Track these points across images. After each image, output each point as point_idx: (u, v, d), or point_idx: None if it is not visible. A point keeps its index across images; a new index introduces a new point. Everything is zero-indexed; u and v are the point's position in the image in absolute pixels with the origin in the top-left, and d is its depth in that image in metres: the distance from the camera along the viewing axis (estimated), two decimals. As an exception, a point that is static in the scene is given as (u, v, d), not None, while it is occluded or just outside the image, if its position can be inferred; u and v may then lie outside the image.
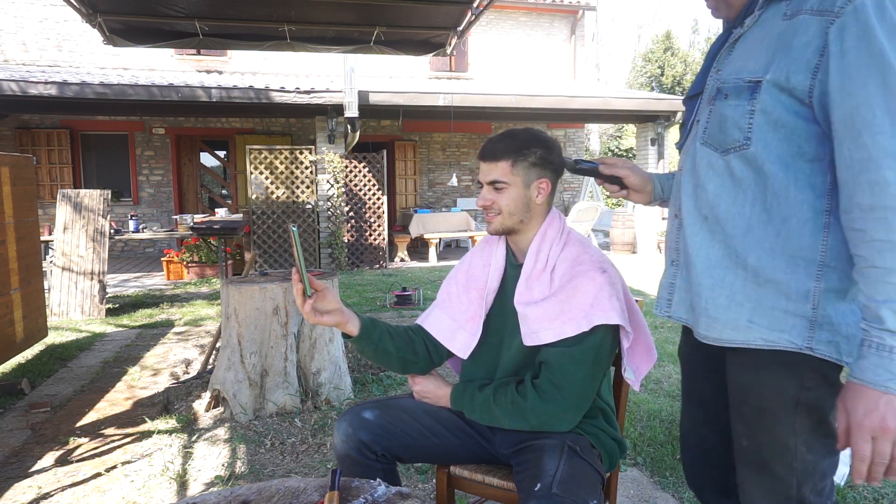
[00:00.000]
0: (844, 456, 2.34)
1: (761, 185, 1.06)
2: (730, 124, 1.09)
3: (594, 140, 23.72)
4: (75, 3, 3.86)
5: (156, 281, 8.01)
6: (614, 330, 1.40)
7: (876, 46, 0.92)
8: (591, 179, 11.96)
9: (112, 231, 7.33)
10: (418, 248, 11.10)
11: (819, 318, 1.03)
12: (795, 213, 1.04)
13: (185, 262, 8.04)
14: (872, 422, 0.92)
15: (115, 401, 3.46)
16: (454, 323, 1.55)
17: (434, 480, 2.36)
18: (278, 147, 8.24)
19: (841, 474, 2.34)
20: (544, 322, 1.38)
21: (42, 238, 6.59)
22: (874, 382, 0.91)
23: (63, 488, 2.44)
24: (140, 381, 3.81)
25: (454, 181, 10.48)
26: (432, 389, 1.56)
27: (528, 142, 1.42)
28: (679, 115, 9.91)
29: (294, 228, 1.19)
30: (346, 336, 1.44)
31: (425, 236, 9.69)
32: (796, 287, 1.04)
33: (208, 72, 10.94)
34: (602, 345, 1.39)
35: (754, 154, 1.06)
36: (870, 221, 0.92)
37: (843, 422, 0.97)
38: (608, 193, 1.62)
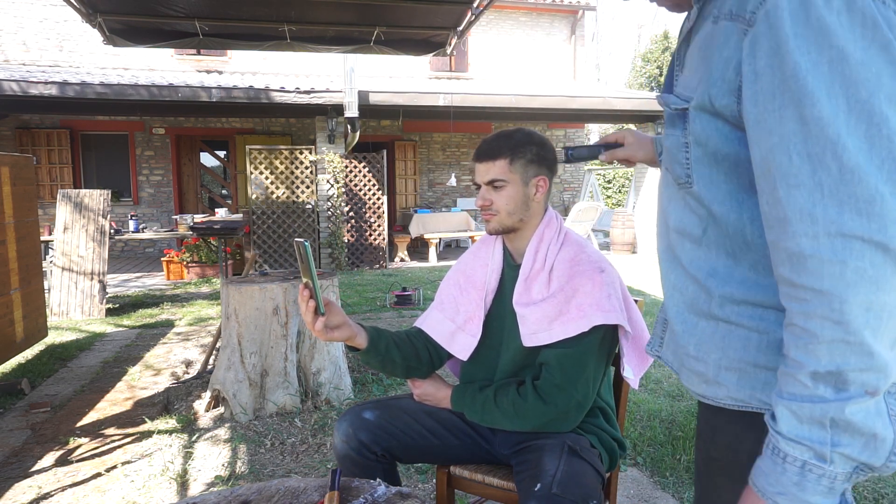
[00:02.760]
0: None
1: (716, 227, 0.86)
2: (671, 158, 0.89)
3: (594, 140, 23.74)
4: (75, 3, 3.86)
5: (156, 281, 8.01)
6: (613, 329, 1.41)
7: (789, 66, 0.67)
8: (592, 179, 11.98)
9: (112, 231, 7.34)
10: (418, 248, 11.10)
11: None
12: (760, 258, 0.83)
13: (185, 262, 8.04)
14: None
15: (115, 401, 3.46)
16: (453, 325, 1.55)
17: (434, 480, 2.36)
18: (278, 147, 8.24)
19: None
20: (543, 323, 1.38)
21: (42, 238, 6.59)
22: (764, 492, 0.76)
23: (63, 488, 2.44)
24: (140, 381, 3.81)
25: (453, 181, 10.47)
26: (433, 392, 1.56)
27: (523, 140, 1.44)
28: (679, 115, 9.88)
29: (305, 243, 1.12)
30: (352, 349, 1.42)
31: (425, 236, 9.69)
32: (768, 337, 0.84)
33: (208, 72, 10.94)
34: (602, 345, 1.39)
35: (698, 194, 0.86)
36: (790, 300, 0.72)
37: None
38: (614, 164, 1.42)
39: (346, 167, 8.71)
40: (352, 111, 8.18)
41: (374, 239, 8.94)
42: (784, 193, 0.70)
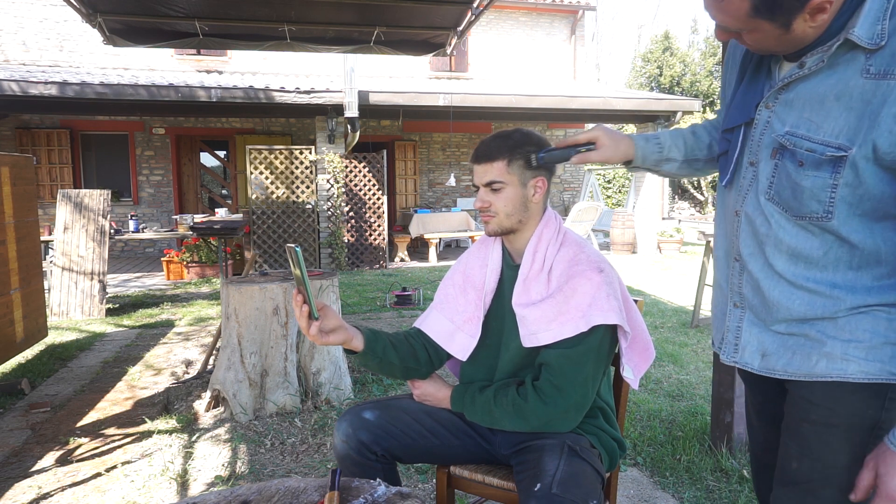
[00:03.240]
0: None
1: (846, 248, 1.01)
2: (807, 196, 1.00)
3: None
4: (75, 3, 3.86)
5: (156, 281, 8.01)
6: (613, 329, 1.41)
7: None
8: (592, 179, 11.99)
9: (112, 231, 7.33)
10: (418, 248, 11.09)
11: None
12: (890, 263, 0.99)
13: (185, 262, 8.04)
14: None
15: (115, 401, 3.46)
16: (452, 325, 1.55)
17: (434, 480, 2.36)
18: (278, 147, 8.24)
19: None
20: (543, 323, 1.38)
21: (42, 238, 6.59)
22: None
23: (63, 488, 2.44)
24: (140, 381, 3.81)
25: (453, 181, 10.48)
26: (432, 392, 1.56)
27: (521, 141, 1.42)
28: (680, 116, 9.91)
29: (297, 248, 1.14)
30: (349, 352, 1.42)
31: (425, 236, 9.69)
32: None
33: (208, 72, 10.94)
34: (601, 345, 1.39)
35: (836, 227, 0.99)
36: None
37: (867, 480, 0.95)
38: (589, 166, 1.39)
39: (346, 167, 8.71)
40: (352, 111, 8.18)
41: (374, 239, 8.94)
42: None
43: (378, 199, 8.89)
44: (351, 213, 8.79)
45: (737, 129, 1.12)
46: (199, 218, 8.15)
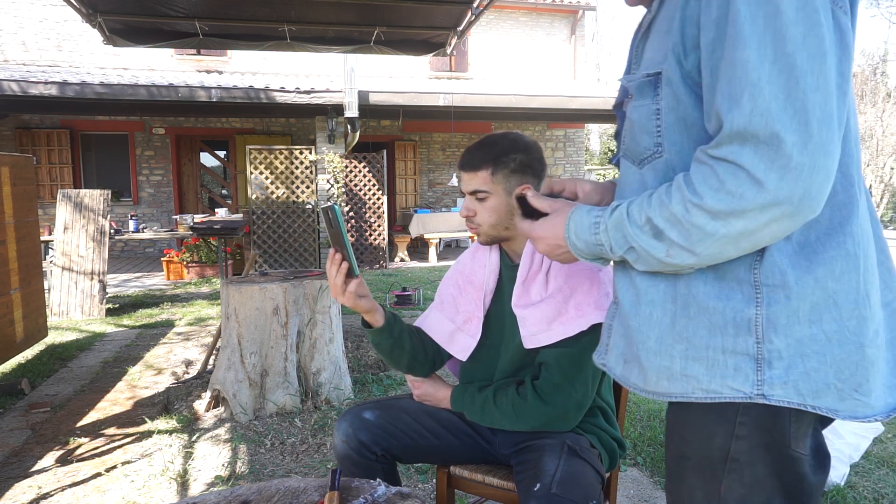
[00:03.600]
0: (842, 455, 2.34)
1: None
2: (637, 129, 0.89)
3: (594, 140, 23.70)
4: (75, 3, 3.86)
5: (156, 281, 8.01)
6: None
7: (732, 12, 0.73)
8: (592, 178, 12.05)
9: (112, 231, 7.33)
10: (418, 248, 11.09)
11: (765, 353, 0.80)
12: None
13: (185, 262, 8.04)
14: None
15: (115, 401, 3.46)
16: (452, 325, 1.56)
17: (434, 480, 2.37)
18: (278, 147, 8.24)
19: (841, 474, 2.34)
20: (543, 324, 1.38)
21: (42, 238, 6.59)
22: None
23: (63, 488, 2.44)
24: (140, 381, 3.81)
25: (453, 181, 10.48)
26: (432, 392, 1.56)
27: (507, 148, 1.37)
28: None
29: (336, 206, 1.12)
30: (366, 325, 1.44)
31: (425, 236, 9.69)
32: (733, 317, 0.81)
33: (208, 72, 10.94)
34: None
35: (667, 162, 0.86)
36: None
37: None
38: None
39: (346, 167, 8.71)
40: (352, 111, 8.18)
41: (374, 239, 8.94)
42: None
43: (378, 199, 8.89)
44: (351, 213, 8.79)
45: (620, 106, 1.02)
46: (199, 218, 8.15)
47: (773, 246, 0.80)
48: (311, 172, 8.36)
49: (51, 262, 6.06)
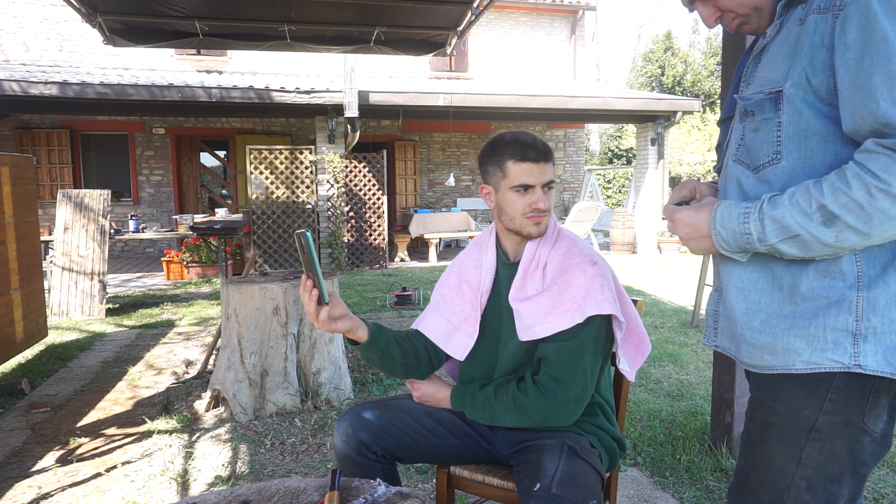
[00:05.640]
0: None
1: None
2: (759, 140, 1.02)
3: (594, 140, 23.71)
4: (75, 3, 3.86)
5: (156, 281, 8.01)
6: (608, 321, 1.41)
7: (879, 32, 0.86)
8: (592, 179, 11.98)
9: (112, 231, 7.34)
10: (418, 248, 11.09)
11: (863, 329, 0.93)
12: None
13: (185, 262, 8.04)
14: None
15: (115, 401, 3.46)
16: (449, 325, 1.56)
17: (434, 480, 2.37)
18: (278, 147, 8.24)
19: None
20: (538, 317, 1.39)
21: (42, 238, 6.60)
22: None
23: (63, 488, 2.44)
24: (140, 381, 3.81)
25: (452, 181, 10.49)
26: (432, 393, 1.56)
27: None
28: (679, 115, 9.93)
29: (307, 233, 1.15)
30: (352, 343, 1.42)
31: (425, 236, 9.69)
32: (837, 300, 0.95)
33: (208, 72, 10.94)
34: (598, 335, 1.40)
35: (786, 169, 0.99)
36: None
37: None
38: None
39: (346, 167, 8.71)
40: (352, 111, 8.18)
41: (374, 239, 8.94)
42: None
43: (378, 199, 8.89)
44: (351, 213, 8.79)
45: (729, 120, 1.16)
46: (199, 218, 8.15)
47: None
48: (311, 172, 8.37)
49: (51, 262, 6.06)
